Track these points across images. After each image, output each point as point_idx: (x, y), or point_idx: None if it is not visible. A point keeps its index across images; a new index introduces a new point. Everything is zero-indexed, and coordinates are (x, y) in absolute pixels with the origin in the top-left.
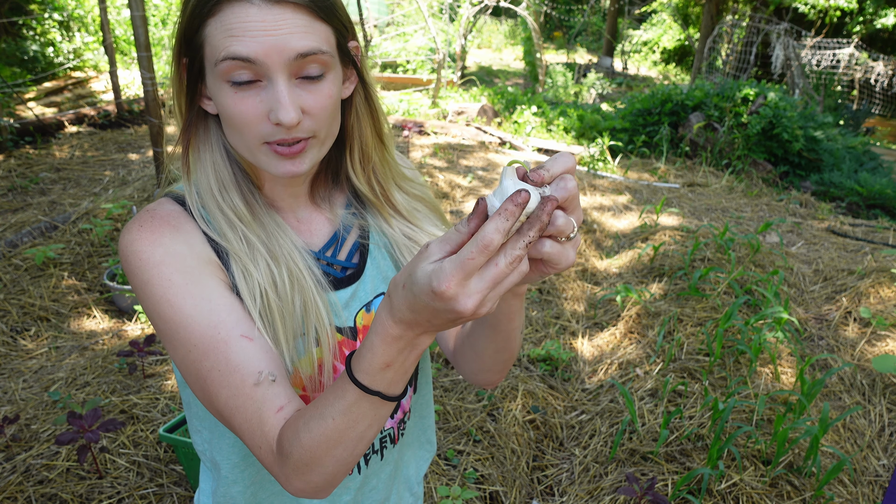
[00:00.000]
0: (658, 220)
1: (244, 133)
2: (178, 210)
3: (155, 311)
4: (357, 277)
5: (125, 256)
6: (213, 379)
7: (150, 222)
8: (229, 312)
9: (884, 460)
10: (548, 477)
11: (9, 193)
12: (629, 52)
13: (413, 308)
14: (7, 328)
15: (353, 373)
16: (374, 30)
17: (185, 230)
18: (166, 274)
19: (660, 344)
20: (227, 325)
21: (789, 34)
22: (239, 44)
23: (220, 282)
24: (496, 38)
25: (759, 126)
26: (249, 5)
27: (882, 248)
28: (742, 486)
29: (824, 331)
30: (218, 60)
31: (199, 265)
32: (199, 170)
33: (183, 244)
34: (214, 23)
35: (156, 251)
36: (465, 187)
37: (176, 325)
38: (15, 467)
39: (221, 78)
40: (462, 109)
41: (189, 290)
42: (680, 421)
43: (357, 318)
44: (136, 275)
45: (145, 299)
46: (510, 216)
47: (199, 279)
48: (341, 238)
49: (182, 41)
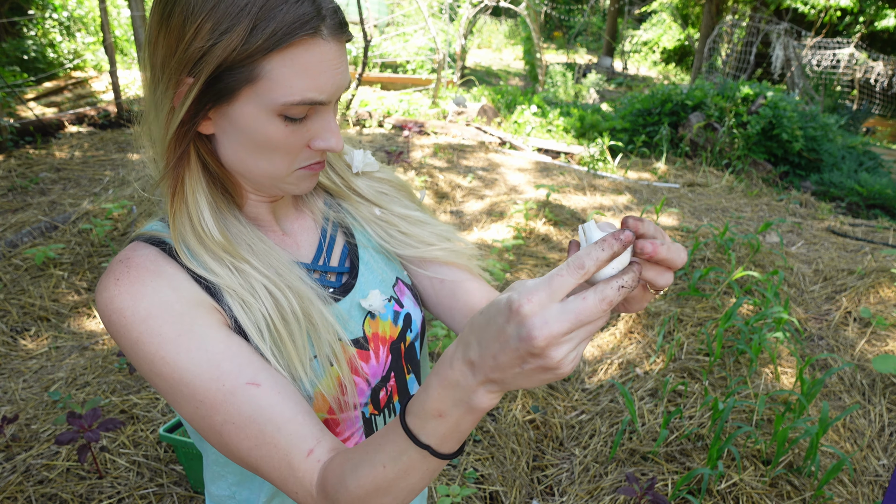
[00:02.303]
0: (658, 220)
1: (282, 162)
2: (155, 252)
3: (151, 370)
4: (353, 284)
5: (107, 317)
6: (230, 432)
7: (127, 273)
8: (230, 359)
9: (884, 460)
10: (548, 477)
11: (9, 193)
12: (629, 52)
13: (482, 337)
14: (7, 328)
15: (405, 414)
16: (374, 30)
17: (167, 273)
18: (155, 328)
19: (660, 344)
20: (231, 375)
21: (789, 34)
22: (315, 86)
23: (216, 324)
24: (496, 38)
25: (759, 126)
26: (323, 42)
27: (882, 248)
28: (742, 485)
29: (824, 331)
30: (290, 103)
31: (190, 310)
32: (183, 202)
33: (168, 290)
34: (282, 59)
35: (139, 305)
36: (466, 187)
37: (176, 383)
38: (15, 467)
39: (275, 112)
40: (462, 109)
41: (183, 343)
42: (680, 421)
43: (365, 327)
44: (122, 335)
45: (138, 359)
46: (608, 248)
47: (192, 327)
48: (329, 240)
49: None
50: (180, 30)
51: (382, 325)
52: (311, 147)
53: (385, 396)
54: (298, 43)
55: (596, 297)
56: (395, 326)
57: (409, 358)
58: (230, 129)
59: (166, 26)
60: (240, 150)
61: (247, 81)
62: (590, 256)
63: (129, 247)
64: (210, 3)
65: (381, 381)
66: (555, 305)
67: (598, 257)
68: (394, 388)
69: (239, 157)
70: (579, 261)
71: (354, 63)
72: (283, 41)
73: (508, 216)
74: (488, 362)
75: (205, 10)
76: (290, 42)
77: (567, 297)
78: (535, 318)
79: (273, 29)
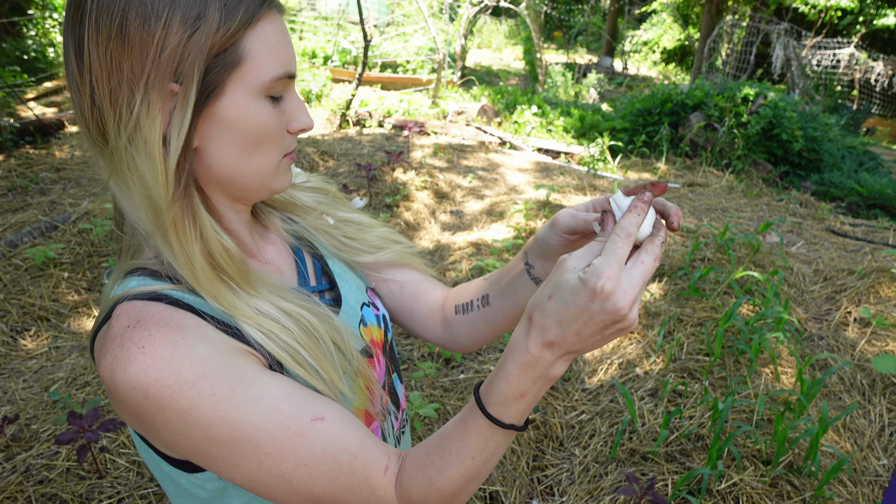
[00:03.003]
0: None
1: (274, 150)
2: (163, 308)
3: (206, 436)
4: (340, 297)
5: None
6: (302, 475)
7: (151, 337)
8: (288, 400)
9: (884, 460)
10: (548, 477)
11: (9, 193)
12: (629, 52)
13: (563, 319)
14: (7, 328)
15: (485, 406)
16: (374, 30)
17: (190, 326)
18: (208, 389)
19: (660, 344)
20: (294, 416)
21: (789, 34)
22: (286, 59)
23: (258, 367)
24: (496, 38)
25: (759, 126)
26: (278, 15)
27: (882, 248)
28: (742, 485)
29: (824, 331)
30: (275, 78)
31: (231, 360)
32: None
33: (202, 344)
34: (256, 35)
35: (182, 367)
36: (466, 187)
37: (238, 442)
38: (15, 467)
39: (261, 94)
40: (462, 109)
41: (239, 397)
42: (680, 421)
43: (364, 337)
44: (167, 407)
45: (188, 430)
46: (641, 211)
47: (241, 378)
48: (302, 260)
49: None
50: (144, 35)
51: (373, 331)
52: (289, 130)
53: (385, 400)
54: (265, 15)
55: (651, 258)
56: (380, 329)
57: (392, 357)
58: (218, 131)
59: (123, 41)
60: (233, 151)
61: (233, 67)
62: (632, 223)
63: (127, 310)
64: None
65: (383, 385)
66: (624, 275)
67: (637, 222)
68: (387, 390)
69: (233, 159)
70: (626, 230)
71: (354, 63)
72: (256, 13)
73: (508, 216)
74: (570, 339)
75: (166, 4)
76: (260, 15)
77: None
78: (617, 291)
79: (246, 4)
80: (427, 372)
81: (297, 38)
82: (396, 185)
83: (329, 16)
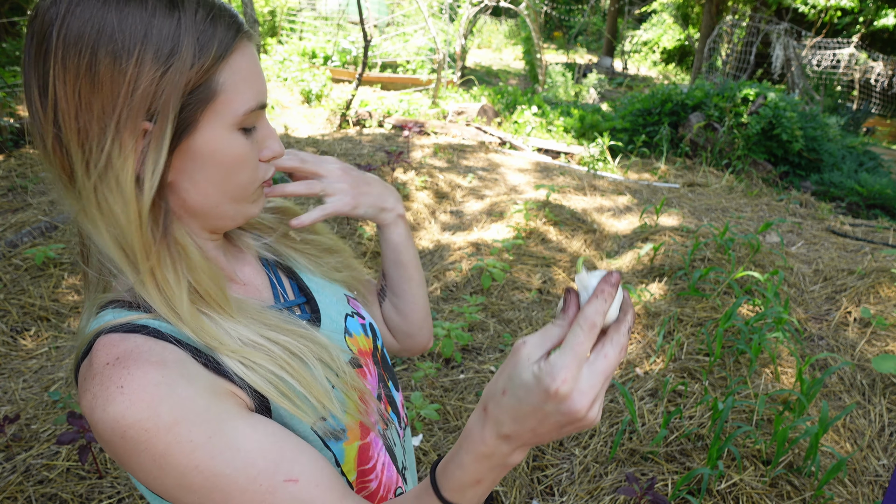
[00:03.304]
0: (658, 220)
1: (249, 181)
2: (143, 341)
3: (180, 483)
4: (318, 310)
5: (120, 434)
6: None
7: (130, 376)
8: (264, 455)
9: (884, 460)
10: (548, 477)
11: (9, 193)
12: (629, 52)
13: (517, 417)
14: (7, 328)
15: (440, 491)
16: (374, 30)
17: (172, 362)
18: (185, 435)
19: (660, 344)
20: (268, 474)
21: (789, 34)
22: (258, 90)
23: (239, 411)
24: (496, 38)
25: (759, 126)
26: (250, 45)
27: (882, 248)
28: (742, 485)
29: (824, 331)
30: (248, 111)
31: (212, 403)
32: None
33: (183, 383)
34: (230, 67)
35: (160, 410)
36: (466, 187)
37: (209, 491)
38: (15, 467)
39: (235, 127)
40: (462, 109)
41: (216, 446)
42: (680, 421)
43: (350, 347)
44: (142, 451)
45: (163, 475)
46: (608, 297)
47: (220, 425)
48: (276, 275)
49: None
50: (115, 73)
51: (360, 340)
52: (260, 158)
53: (384, 408)
54: (237, 47)
55: (615, 350)
56: (367, 338)
57: (384, 365)
58: (192, 166)
59: (92, 80)
60: (208, 186)
61: (207, 102)
62: (597, 312)
63: (106, 345)
64: (139, 31)
65: (378, 395)
66: (583, 371)
67: (603, 310)
68: (385, 399)
69: (207, 192)
70: (590, 320)
71: (354, 63)
72: (229, 47)
73: (508, 216)
74: (526, 434)
75: (137, 40)
76: (233, 48)
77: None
78: (573, 393)
79: (220, 36)
80: (427, 372)
81: (298, 38)
82: (396, 185)
83: (329, 16)
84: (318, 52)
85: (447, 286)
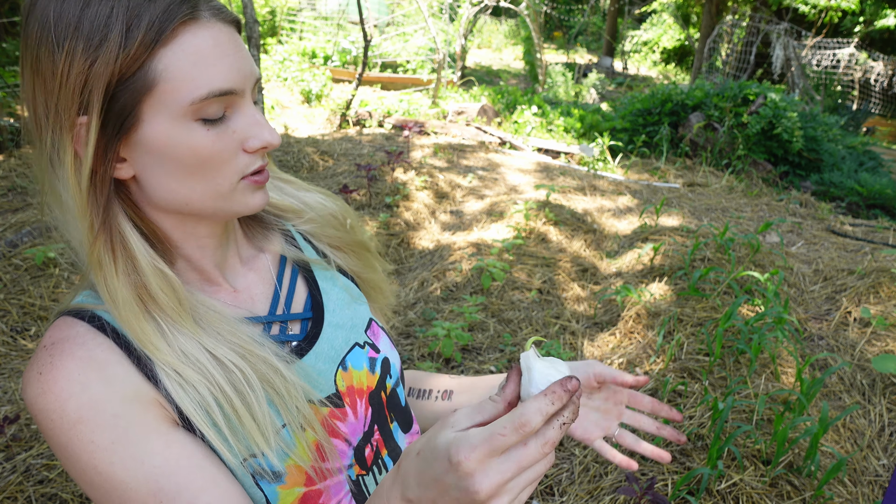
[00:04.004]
0: (658, 220)
1: (221, 175)
2: (84, 331)
3: (82, 479)
4: (318, 333)
5: (34, 415)
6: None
7: (51, 365)
8: (168, 476)
9: (884, 460)
10: (548, 477)
11: (9, 193)
12: (629, 52)
13: (420, 480)
14: (7, 328)
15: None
16: (374, 30)
17: (98, 360)
18: (87, 435)
19: (660, 344)
20: (168, 495)
21: (789, 34)
22: (218, 74)
23: (156, 425)
24: (496, 38)
25: (759, 126)
26: (207, 24)
27: (882, 248)
28: (742, 485)
29: (824, 331)
30: (199, 98)
31: (126, 410)
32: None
33: (99, 385)
34: (172, 52)
35: (67, 406)
36: (466, 187)
37: (108, 494)
38: (15, 467)
39: (190, 117)
40: (462, 109)
41: (119, 452)
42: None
43: (337, 381)
44: (50, 437)
45: (69, 465)
46: (557, 401)
47: (128, 434)
48: (289, 284)
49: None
50: (52, 66)
51: (358, 376)
52: (246, 150)
53: (371, 453)
54: (181, 29)
55: (537, 444)
56: (372, 375)
57: (392, 406)
58: (150, 160)
59: (39, 75)
60: (168, 180)
61: (144, 91)
62: (537, 412)
63: (53, 326)
64: (72, 24)
65: (364, 437)
66: (496, 459)
67: (545, 413)
68: (380, 442)
69: (171, 188)
70: (523, 418)
71: (354, 63)
72: (164, 29)
73: (508, 216)
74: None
75: (69, 33)
76: (171, 28)
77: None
78: (477, 473)
79: (148, 21)
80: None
81: (298, 37)
82: (396, 185)
83: (329, 16)
84: (318, 52)
85: (447, 286)
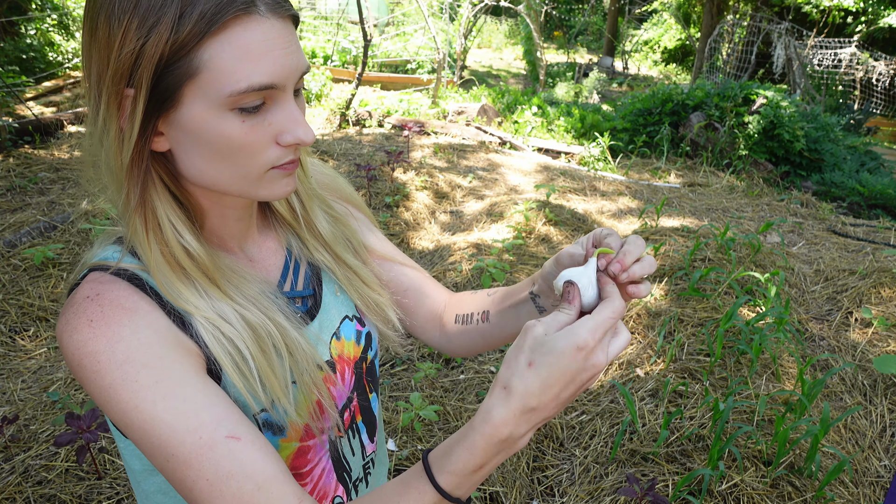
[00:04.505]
0: (659, 220)
1: (251, 163)
2: (125, 286)
3: (122, 419)
4: (319, 306)
5: (77, 360)
6: (202, 488)
7: (101, 313)
8: (209, 410)
9: (885, 461)
10: (548, 477)
11: (8, 193)
12: (630, 51)
13: (546, 383)
14: (6, 328)
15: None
16: (374, 29)
17: (143, 310)
18: (132, 375)
19: (660, 344)
20: (209, 427)
21: (790, 34)
22: (261, 69)
23: (195, 368)
24: (496, 37)
25: (760, 126)
26: (262, 19)
27: (883, 249)
28: (743, 486)
29: (825, 331)
30: (238, 92)
31: (168, 353)
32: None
33: (147, 330)
34: (219, 44)
35: (117, 348)
36: (466, 187)
37: (148, 433)
38: (14, 468)
39: (227, 108)
40: (462, 109)
41: (160, 391)
42: (680, 421)
43: (332, 349)
44: (93, 381)
45: (109, 406)
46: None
47: (170, 374)
48: (294, 263)
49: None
50: (108, 38)
51: (347, 346)
52: (279, 143)
53: (349, 417)
54: (233, 22)
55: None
56: (357, 346)
57: (370, 376)
58: (184, 139)
59: (95, 40)
60: (199, 161)
61: (188, 77)
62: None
63: (93, 280)
64: (132, 2)
65: (346, 402)
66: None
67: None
68: (356, 409)
69: (201, 167)
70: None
71: (354, 63)
72: (215, 21)
73: (508, 216)
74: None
75: (128, 10)
76: (222, 21)
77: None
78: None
79: (201, 10)
80: (427, 373)
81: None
82: (396, 185)
83: (329, 15)
84: (317, 52)
85: (447, 286)
